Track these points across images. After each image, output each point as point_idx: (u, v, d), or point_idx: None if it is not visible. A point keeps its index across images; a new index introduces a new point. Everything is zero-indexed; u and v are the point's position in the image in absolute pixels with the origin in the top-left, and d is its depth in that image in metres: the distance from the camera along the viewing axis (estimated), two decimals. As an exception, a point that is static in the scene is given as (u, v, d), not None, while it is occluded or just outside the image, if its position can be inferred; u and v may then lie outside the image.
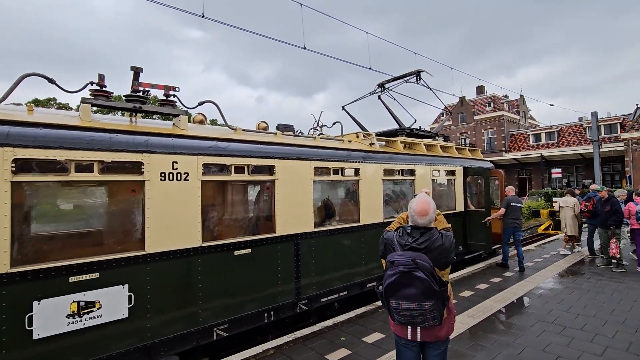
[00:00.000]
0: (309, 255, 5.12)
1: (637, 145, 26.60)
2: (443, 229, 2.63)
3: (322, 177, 5.46)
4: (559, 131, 37.26)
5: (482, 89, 46.79)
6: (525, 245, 12.84)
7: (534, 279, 6.89)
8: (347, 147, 5.93)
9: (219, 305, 4.12)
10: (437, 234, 2.33)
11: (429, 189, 7.28)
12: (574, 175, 35.15)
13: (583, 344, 4.08)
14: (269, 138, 4.95)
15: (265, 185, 4.86)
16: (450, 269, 7.84)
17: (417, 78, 8.99)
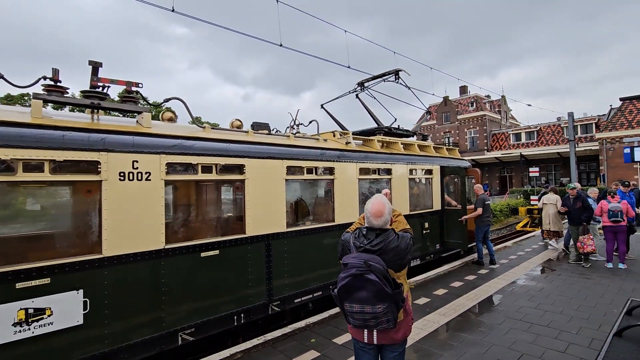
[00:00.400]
0: (282, 255, 5.03)
1: (611, 145, 27.56)
2: (403, 230, 2.60)
3: (295, 176, 5.38)
4: (538, 131, 38.27)
5: (465, 89, 47.58)
6: (503, 242, 13.13)
7: (507, 276, 7.00)
8: (321, 145, 5.87)
9: (184, 309, 4.00)
10: (393, 236, 2.29)
11: (404, 188, 7.33)
12: (552, 174, 36.16)
13: (548, 340, 4.15)
14: (238, 136, 4.84)
15: (235, 184, 4.75)
16: (430, 267, 7.96)
17: (395, 77, 9.01)
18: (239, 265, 4.54)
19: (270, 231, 4.91)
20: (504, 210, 21.68)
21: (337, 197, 5.90)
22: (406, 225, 2.66)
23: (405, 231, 2.60)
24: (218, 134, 4.72)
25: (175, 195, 4.50)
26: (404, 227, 2.63)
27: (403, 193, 7.32)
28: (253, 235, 4.70)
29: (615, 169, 26.60)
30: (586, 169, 33.60)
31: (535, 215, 18.05)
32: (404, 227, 2.63)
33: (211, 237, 4.37)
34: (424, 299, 5.77)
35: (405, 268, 2.39)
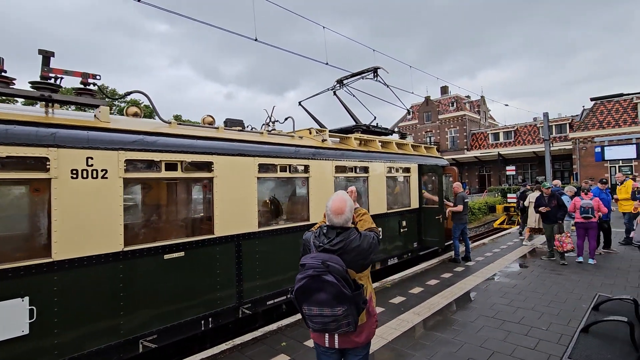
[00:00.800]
0: (253, 256, 4.87)
1: (583, 145, 28.61)
2: (368, 229, 2.49)
3: (268, 174, 5.21)
4: (515, 131, 39.34)
5: (446, 89, 48.39)
6: (481, 239, 13.35)
7: (482, 273, 7.06)
8: (296, 143, 5.72)
9: (145, 315, 3.78)
10: (355, 235, 2.18)
11: (381, 186, 7.28)
12: (528, 173, 37.25)
13: (519, 337, 4.16)
14: (207, 133, 4.63)
15: (203, 183, 4.54)
16: (408, 265, 7.95)
17: (374, 75, 8.96)
18: (207, 267, 4.35)
19: (241, 231, 4.73)
20: (482, 208, 22.13)
21: (313, 196, 5.77)
22: (372, 224, 2.56)
23: (371, 230, 2.50)
24: (185, 129, 4.50)
25: (136, 194, 4.26)
26: (369, 226, 2.53)
27: (380, 191, 7.27)
28: (222, 235, 4.51)
29: (587, 168, 27.64)
30: (560, 168, 34.79)
31: (511, 212, 18.54)
32: (370, 226, 2.53)
33: (176, 238, 4.15)
34: (399, 298, 5.73)
35: (367, 268, 2.28)
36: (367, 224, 2.55)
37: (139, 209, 4.21)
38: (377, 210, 7.11)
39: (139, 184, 4.25)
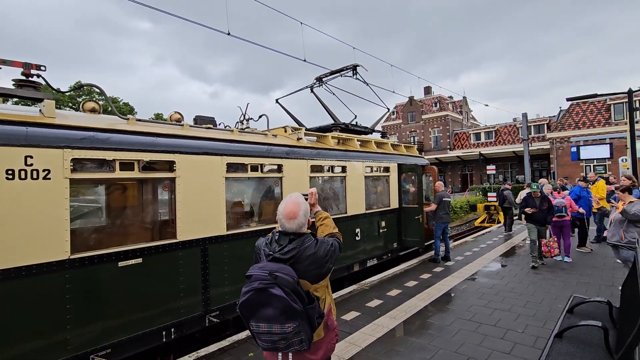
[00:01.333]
0: (221, 261, 4.59)
1: (560, 144, 29.38)
2: (329, 235, 2.29)
3: (237, 174, 4.95)
4: (495, 131, 40.11)
5: (429, 89, 48.93)
6: (462, 238, 13.40)
7: (461, 273, 6.99)
8: (269, 141, 5.47)
9: (97, 328, 3.46)
10: (310, 241, 1.97)
11: (360, 186, 7.11)
12: (508, 172, 38.06)
13: (494, 341, 4.05)
14: (169, 130, 4.33)
15: (164, 183, 4.24)
16: (388, 266, 7.80)
17: (353, 72, 8.79)
18: (168, 274, 4.05)
19: (207, 235, 4.45)
20: (463, 207, 22.38)
21: (286, 197, 5.53)
22: (334, 229, 2.35)
23: (332, 236, 2.29)
24: (144, 126, 4.19)
25: (87, 196, 3.93)
26: (330, 231, 2.32)
27: (359, 191, 7.10)
28: (186, 240, 4.22)
29: (564, 167, 28.40)
30: (539, 167, 35.66)
31: (492, 211, 18.80)
32: (331, 231, 2.32)
33: (132, 243, 3.84)
34: (377, 301, 5.56)
35: (325, 278, 2.07)
36: (329, 229, 2.34)
37: (88, 213, 3.87)
38: (355, 210, 6.94)
39: (90, 185, 3.91)
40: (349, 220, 6.81)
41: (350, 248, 6.83)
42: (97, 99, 51.22)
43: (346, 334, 4.38)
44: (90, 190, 4.03)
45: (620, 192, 4.94)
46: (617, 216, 4.92)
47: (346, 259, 6.71)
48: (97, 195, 4.06)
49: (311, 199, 2.41)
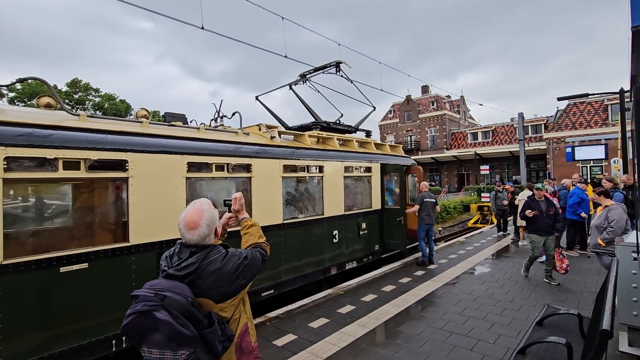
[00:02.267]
0: (180, 265, 4.36)
1: (557, 145, 29.18)
2: (253, 245, 2.06)
3: (200, 173, 4.72)
4: (492, 131, 39.89)
5: (426, 88, 48.68)
6: (453, 239, 13.20)
7: (442, 277, 6.78)
8: (237, 139, 5.24)
9: (35, 338, 3.24)
10: (216, 255, 1.74)
11: (338, 187, 6.87)
12: (505, 172, 37.86)
13: (463, 353, 3.83)
14: (122, 127, 4.10)
15: (116, 184, 4.01)
16: (371, 268, 7.58)
17: (336, 69, 8.56)
18: (119, 280, 3.83)
19: (164, 238, 4.23)
20: (457, 207, 22.18)
21: (256, 198, 5.31)
22: (259, 238, 2.13)
23: (257, 246, 2.07)
24: (95, 123, 3.95)
25: (25, 197, 3.70)
26: (255, 241, 2.10)
27: (337, 192, 6.87)
28: (139, 243, 3.99)
29: (560, 168, 28.21)
30: (535, 167, 35.48)
31: (485, 212, 18.60)
32: (256, 241, 2.10)
33: (77, 247, 3.61)
34: (349, 307, 5.35)
35: (235, 297, 1.84)
36: (253, 238, 2.12)
37: (28, 215, 3.64)
38: (333, 212, 6.72)
39: (27, 186, 3.68)
40: (326, 221, 6.59)
41: (327, 250, 6.61)
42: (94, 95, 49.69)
43: (309, 343, 4.17)
44: (31, 191, 3.79)
45: (597, 194, 4.72)
46: (595, 222, 4.71)
47: (322, 261, 6.49)
48: (39, 196, 3.82)
49: (235, 205, 2.19)
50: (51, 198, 3.99)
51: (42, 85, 45.05)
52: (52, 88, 3.87)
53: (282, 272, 5.71)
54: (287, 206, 5.99)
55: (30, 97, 42.62)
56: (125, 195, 3.96)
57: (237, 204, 2.20)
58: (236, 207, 2.20)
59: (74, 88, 47.63)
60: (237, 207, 2.20)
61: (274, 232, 5.57)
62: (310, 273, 6.25)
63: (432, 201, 8.03)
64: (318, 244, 6.43)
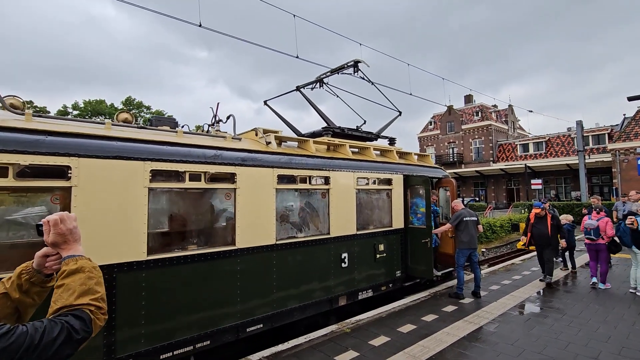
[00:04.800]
0: (136, 294, 3.62)
1: (625, 156, 25.49)
2: (66, 310, 1.18)
3: (168, 183, 4.00)
4: (546, 142, 36.27)
5: (470, 98, 46.01)
6: (497, 264, 11.44)
7: (477, 317, 5.41)
8: (217, 144, 4.49)
9: None
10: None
11: (349, 202, 5.86)
12: (562, 187, 33.97)
13: None
14: (66, 127, 3.49)
15: (54, 194, 3.38)
16: (392, 298, 6.40)
17: (354, 69, 7.67)
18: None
19: (117, 260, 3.51)
20: (504, 226, 19.81)
21: (241, 212, 4.48)
22: (81, 297, 1.21)
23: (74, 310, 1.17)
24: (39, 124, 3.39)
25: None
26: (71, 302, 1.19)
27: (348, 207, 5.85)
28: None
29: (630, 182, 24.44)
30: (599, 182, 31.37)
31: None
32: (72, 302, 1.19)
33: (2, 271, 2.99)
34: (351, 353, 4.25)
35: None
36: (68, 296, 1.21)
37: None
38: (341, 231, 5.70)
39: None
40: (333, 242, 5.57)
41: (334, 277, 5.57)
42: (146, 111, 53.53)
43: (283, 408, 3.16)
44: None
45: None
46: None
47: (327, 290, 5.46)
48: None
49: (49, 236, 1.33)
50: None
51: (102, 104, 49.36)
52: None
53: (274, 303, 4.77)
54: (282, 224, 5.09)
55: (91, 115, 46.85)
56: (67, 208, 3.31)
57: (53, 232, 1.33)
58: (50, 239, 1.34)
59: (128, 105, 51.73)
60: (51, 238, 1.34)
61: (264, 254, 4.69)
62: (311, 304, 5.24)
63: (474, 219, 6.66)
64: (322, 269, 5.42)
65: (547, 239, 7.26)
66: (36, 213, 3.34)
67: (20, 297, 1.33)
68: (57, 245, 1.33)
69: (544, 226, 7.33)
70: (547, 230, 7.25)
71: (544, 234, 7.27)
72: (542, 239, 7.33)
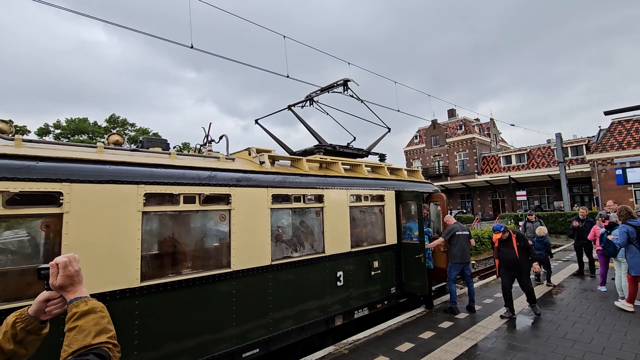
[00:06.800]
0: (129, 322, 3.49)
1: (602, 167, 26.48)
2: (82, 351, 1.15)
3: (162, 207, 3.93)
4: (528, 153, 37.40)
5: (453, 112, 47.25)
6: (487, 277, 11.56)
7: (473, 333, 5.42)
8: (211, 165, 4.46)
9: None
10: None
11: (342, 219, 5.87)
12: (544, 197, 34.88)
13: None
14: (56, 152, 3.42)
15: (44, 222, 3.27)
16: (387, 316, 6.33)
17: (344, 88, 7.82)
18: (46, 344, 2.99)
19: (110, 288, 3.40)
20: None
21: (236, 234, 4.43)
22: (98, 337, 1.19)
23: (93, 349, 1.14)
24: (29, 149, 3.31)
25: None
26: (89, 342, 1.17)
27: (342, 225, 5.86)
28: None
29: (609, 192, 25.35)
30: (579, 192, 32.40)
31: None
32: (90, 341, 1.17)
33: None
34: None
35: None
36: (84, 337, 1.19)
37: None
38: (336, 249, 5.68)
39: None
40: (328, 261, 5.54)
41: (330, 296, 5.51)
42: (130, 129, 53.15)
43: None
44: None
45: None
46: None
47: (323, 310, 5.38)
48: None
49: (55, 279, 1.30)
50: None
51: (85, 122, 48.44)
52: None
53: (270, 326, 4.67)
54: (278, 243, 5.05)
55: (74, 134, 45.88)
56: (57, 235, 3.20)
57: (61, 274, 1.30)
58: (58, 282, 1.30)
59: (112, 123, 50.95)
60: (59, 281, 1.30)
61: (260, 276, 4.62)
62: (308, 325, 5.15)
63: (466, 234, 6.72)
64: (318, 288, 5.37)
65: (517, 264, 6.17)
66: (18, 238, 3.22)
67: (14, 348, 1.26)
68: (64, 288, 1.29)
69: (510, 250, 6.23)
70: (515, 254, 6.17)
71: (513, 259, 6.18)
72: (512, 264, 6.22)
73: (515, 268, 6.18)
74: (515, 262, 6.14)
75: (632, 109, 9.63)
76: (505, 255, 6.30)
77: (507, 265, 6.28)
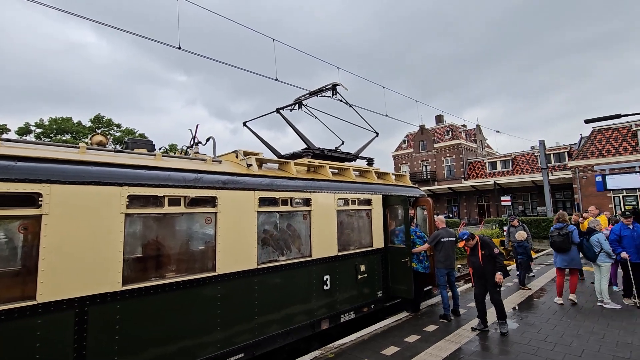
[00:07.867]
0: (111, 328, 3.40)
1: (584, 173, 27.28)
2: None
3: (147, 209, 3.87)
4: (513, 159, 38.23)
5: (440, 118, 47.99)
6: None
7: (458, 336, 5.48)
8: (197, 167, 4.42)
9: None
10: None
11: (329, 223, 5.88)
12: (528, 203, 35.67)
13: None
14: (34, 152, 3.34)
15: (22, 224, 3.18)
16: (374, 319, 6.33)
17: (332, 92, 7.87)
18: (16, 351, 2.89)
19: (89, 292, 3.31)
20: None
21: (222, 237, 4.39)
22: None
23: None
24: (9, 148, 3.22)
25: None
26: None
27: (329, 229, 5.86)
28: (50, 301, 3.08)
29: (590, 198, 26.12)
30: (561, 198, 33.27)
31: (510, 247, 16.85)
32: None
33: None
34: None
35: None
36: None
37: None
38: (323, 252, 5.68)
39: None
40: (315, 264, 5.53)
41: (316, 300, 5.49)
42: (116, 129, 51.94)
43: None
44: None
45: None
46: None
47: (309, 314, 5.36)
48: None
49: None
50: None
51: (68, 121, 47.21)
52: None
53: (256, 330, 4.62)
54: (264, 247, 5.02)
55: (56, 133, 44.65)
56: (36, 238, 3.11)
57: None
58: None
59: (97, 123, 49.80)
60: None
61: (245, 279, 4.58)
62: (294, 329, 5.12)
63: (452, 240, 6.72)
64: (304, 292, 5.35)
65: (482, 273, 5.86)
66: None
67: None
68: None
69: (476, 258, 5.94)
70: (480, 262, 5.86)
71: (478, 267, 5.92)
72: (478, 273, 5.97)
73: (483, 277, 5.86)
74: (481, 270, 5.85)
75: (611, 118, 9.98)
76: (473, 264, 6.04)
77: (476, 274, 6.03)
